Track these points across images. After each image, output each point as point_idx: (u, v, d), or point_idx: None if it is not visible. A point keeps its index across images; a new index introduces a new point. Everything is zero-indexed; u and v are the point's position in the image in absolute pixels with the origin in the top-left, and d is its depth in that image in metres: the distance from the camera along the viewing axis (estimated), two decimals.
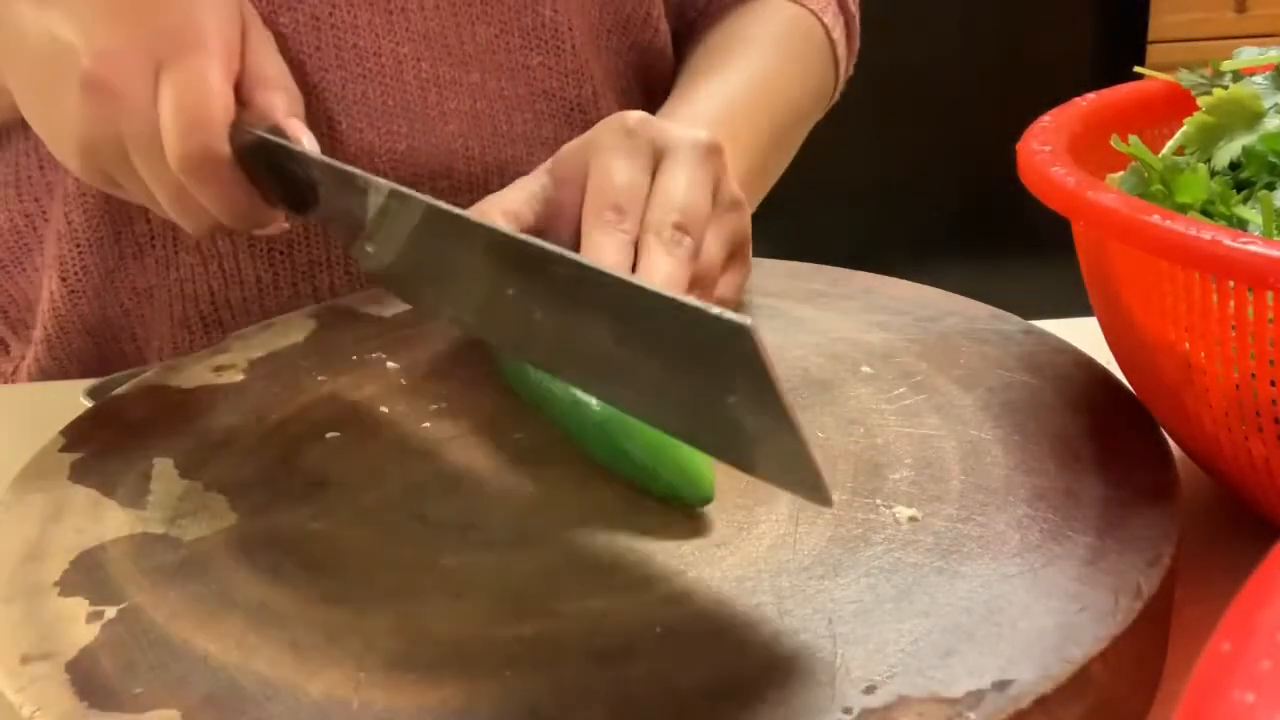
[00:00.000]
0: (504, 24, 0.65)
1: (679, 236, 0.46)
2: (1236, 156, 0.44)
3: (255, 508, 0.42)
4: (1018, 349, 0.50)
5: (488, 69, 0.65)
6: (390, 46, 0.63)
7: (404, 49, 0.64)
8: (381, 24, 0.63)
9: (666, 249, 0.46)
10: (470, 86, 0.65)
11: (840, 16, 0.75)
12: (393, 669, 0.34)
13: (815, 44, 0.73)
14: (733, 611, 0.35)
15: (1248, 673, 0.18)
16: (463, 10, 0.65)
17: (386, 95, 0.64)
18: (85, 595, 0.38)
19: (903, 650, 0.33)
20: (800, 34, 0.73)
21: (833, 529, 0.39)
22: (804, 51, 0.73)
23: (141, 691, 0.34)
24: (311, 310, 0.59)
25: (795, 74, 0.71)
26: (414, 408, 0.49)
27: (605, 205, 0.47)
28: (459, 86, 0.65)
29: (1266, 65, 0.48)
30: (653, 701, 0.32)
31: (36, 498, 0.44)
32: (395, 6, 0.63)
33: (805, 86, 0.72)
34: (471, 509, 0.42)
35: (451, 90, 0.65)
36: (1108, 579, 0.36)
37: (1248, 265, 0.34)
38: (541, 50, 0.67)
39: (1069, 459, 0.42)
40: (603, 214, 0.47)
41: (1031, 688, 0.32)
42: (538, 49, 0.66)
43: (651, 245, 0.46)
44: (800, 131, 0.73)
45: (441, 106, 0.65)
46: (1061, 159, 0.42)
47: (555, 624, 0.35)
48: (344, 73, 0.63)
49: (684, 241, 0.47)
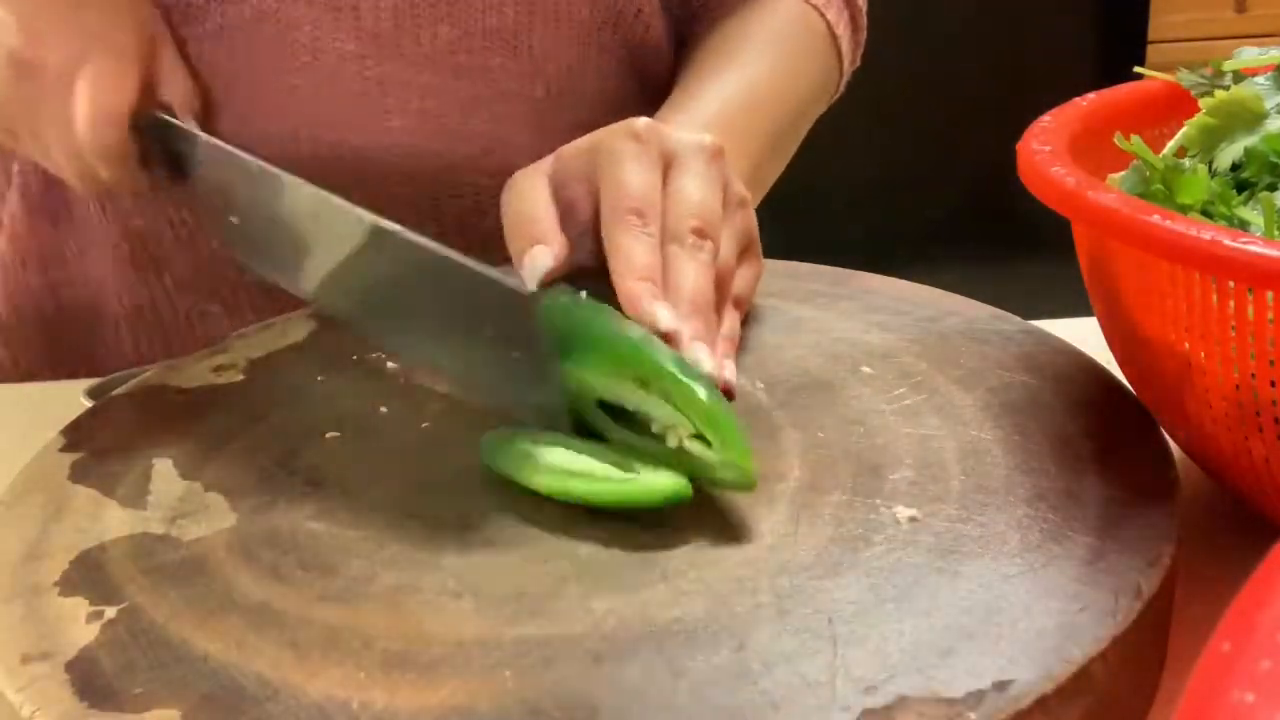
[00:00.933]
0: (466, 26, 0.66)
1: (700, 242, 0.48)
2: (1239, 158, 0.44)
3: (255, 508, 0.42)
4: (1018, 349, 0.50)
5: (443, 70, 0.66)
6: (332, 44, 0.64)
7: (348, 47, 0.64)
8: (327, 21, 0.64)
9: (690, 255, 0.47)
10: (420, 86, 0.66)
11: (845, 10, 0.75)
12: (393, 669, 0.34)
13: (818, 39, 0.73)
14: (733, 611, 0.35)
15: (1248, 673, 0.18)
16: (424, 11, 0.65)
17: (324, 91, 0.65)
18: (85, 595, 0.38)
19: (903, 650, 0.33)
20: (803, 30, 0.73)
21: (833, 529, 0.39)
22: (806, 48, 0.73)
23: (141, 691, 0.34)
24: (311, 310, 0.59)
25: (796, 72, 0.71)
26: (414, 408, 0.49)
27: (626, 210, 0.48)
28: (408, 87, 0.65)
29: (1267, 65, 0.48)
30: (653, 701, 0.32)
31: (36, 498, 0.44)
32: (344, 4, 0.64)
33: (807, 84, 0.72)
34: (471, 509, 0.42)
35: (397, 89, 0.65)
36: (1108, 579, 0.36)
37: (1248, 265, 0.34)
38: (502, 52, 0.67)
39: (1069, 459, 0.42)
40: (625, 218, 0.48)
41: (1031, 688, 0.32)
42: (499, 50, 0.67)
43: (676, 254, 0.47)
44: (802, 128, 0.73)
45: (384, 104, 0.65)
46: (1061, 159, 0.42)
47: (555, 624, 0.35)
48: (280, 66, 0.64)
49: (705, 246, 0.48)
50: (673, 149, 0.50)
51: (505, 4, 0.66)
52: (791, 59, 0.71)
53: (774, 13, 0.72)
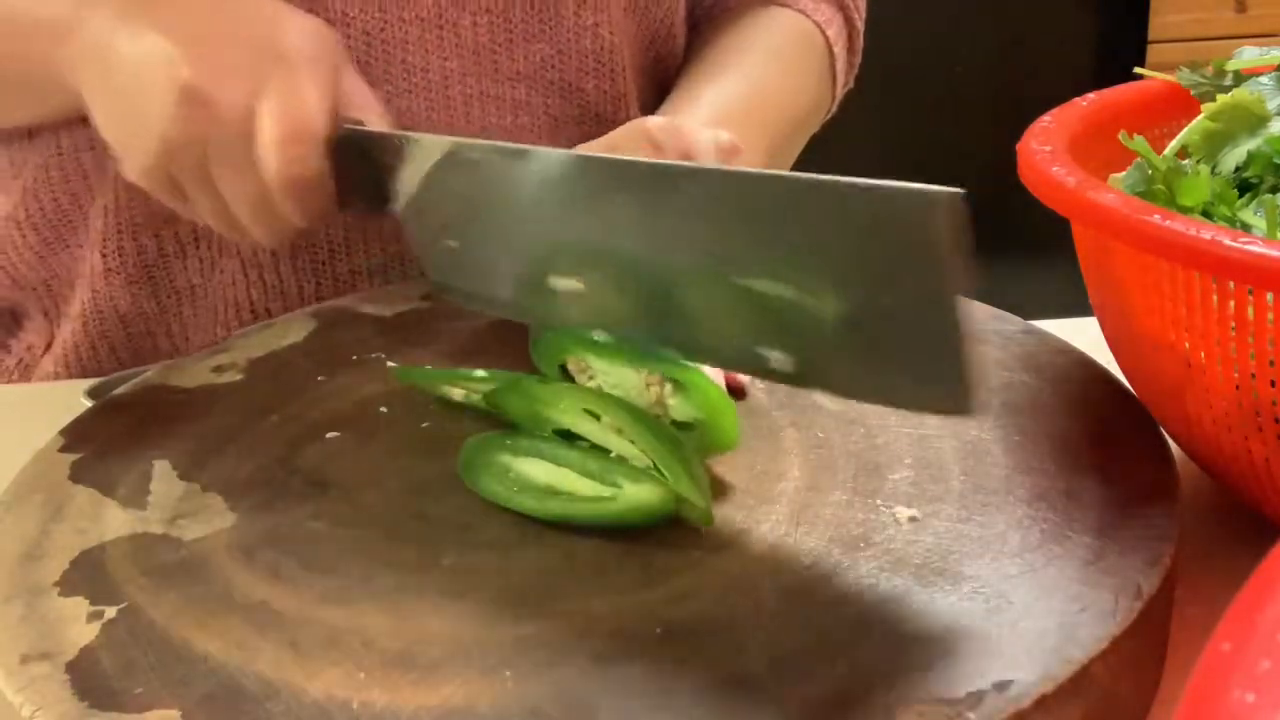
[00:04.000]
0: (561, 45, 0.67)
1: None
2: (1241, 161, 0.44)
3: (255, 508, 0.42)
4: (1018, 349, 0.50)
5: (536, 86, 0.67)
6: (438, 62, 0.65)
7: (451, 64, 0.65)
8: (431, 40, 0.64)
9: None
10: (514, 102, 0.67)
11: (844, 30, 0.75)
12: (393, 669, 0.34)
13: (815, 56, 0.74)
14: (733, 611, 0.35)
15: (1248, 673, 0.18)
16: (518, 29, 0.66)
17: (431, 109, 0.65)
18: (85, 595, 0.38)
19: (903, 650, 0.33)
20: (801, 46, 0.73)
21: (833, 529, 0.39)
22: (803, 64, 0.73)
23: (141, 691, 0.34)
24: (311, 310, 0.59)
25: (792, 87, 0.72)
26: (414, 408, 0.49)
27: None
28: (502, 101, 0.66)
29: (1268, 65, 0.48)
30: (653, 701, 0.32)
31: (36, 498, 0.44)
32: (446, 22, 0.64)
33: (802, 99, 0.73)
34: (471, 509, 0.42)
35: (495, 105, 0.66)
36: (1108, 579, 0.36)
37: (1248, 265, 0.34)
38: (596, 74, 0.68)
39: (1069, 459, 0.42)
40: None
41: (1031, 688, 0.32)
42: (593, 73, 0.68)
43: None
44: (798, 142, 0.74)
45: (484, 120, 0.66)
46: (1061, 159, 0.42)
47: (555, 624, 0.35)
48: (391, 87, 0.64)
49: None
50: (691, 148, 0.51)
51: (601, 26, 0.67)
52: (791, 72, 0.72)
53: (776, 26, 0.72)
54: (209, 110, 0.51)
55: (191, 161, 0.52)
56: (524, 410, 0.44)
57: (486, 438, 0.44)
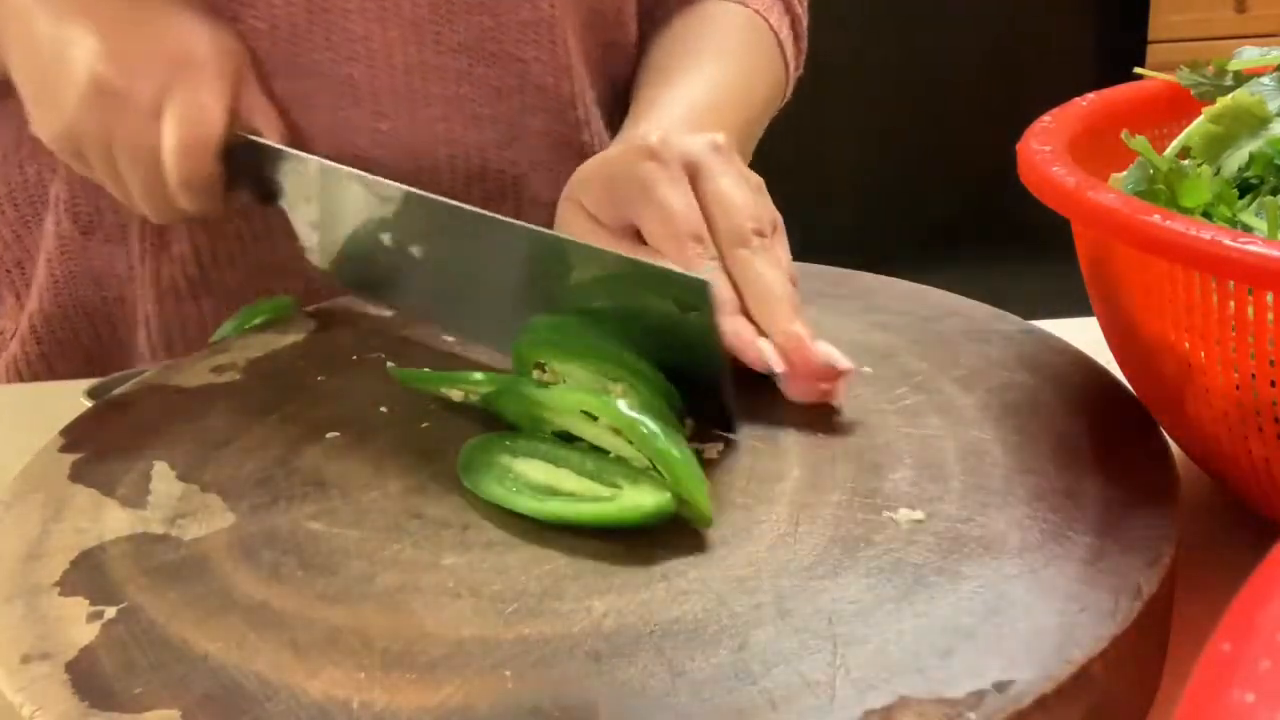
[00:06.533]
0: (501, 16, 0.67)
1: (763, 241, 0.49)
2: (1243, 163, 0.44)
3: (255, 508, 0.42)
4: (1018, 349, 0.50)
5: (477, 57, 0.67)
6: (379, 31, 0.66)
7: (392, 34, 0.66)
8: (372, 9, 0.65)
9: (760, 257, 0.48)
10: (456, 72, 0.67)
11: (786, 16, 0.76)
12: (393, 669, 0.34)
13: (765, 46, 0.74)
14: (733, 611, 0.35)
15: (1248, 673, 0.18)
16: (459, 3, 0.66)
17: (374, 77, 0.66)
18: (85, 595, 0.38)
19: (903, 650, 0.33)
20: (752, 35, 0.73)
21: (833, 529, 0.39)
22: (758, 52, 0.73)
23: (141, 691, 0.34)
24: (311, 310, 0.59)
25: (753, 75, 0.72)
26: (414, 408, 0.49)
27: (684, 237, 0.49)
28: (445, 71, 0.67)
29: (1268, 66, 0.48)
30: (653, 701, 0.32)
31: (36, 498, 0.44)
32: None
33: (763, 87, 0.73)
34: (471, 509, 0.42)
35: (436, 75, 0.67)
36: (1108, 579, 0.36)
37: (1248, 265, 0.34)
38: (536, 45, 0.69)
39: (1069, 459, 0.42)
40: (687, 247, 0.48)
41: (1031, 688, 0.32)
42: (532, 43, 0.68)
43: (748, 259, 0.48)
44: (757, 130, 0.74)
45: (425, 90, 0.67)
46: (1061, 159, 0.42)
47: (555, 624, 0.35)
48: (332, 54, 0.65)
49: (767, 244, 0.49)
50: (692, 157, 0.51)
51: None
52: (747, 63, 0.72)
53: (722, 18, 0.73)
54: (118, 103, 0.57)
55: (96, 142, 0.59)
56: (522, 412, 0.45)
57: (486, 438, 0.44)
